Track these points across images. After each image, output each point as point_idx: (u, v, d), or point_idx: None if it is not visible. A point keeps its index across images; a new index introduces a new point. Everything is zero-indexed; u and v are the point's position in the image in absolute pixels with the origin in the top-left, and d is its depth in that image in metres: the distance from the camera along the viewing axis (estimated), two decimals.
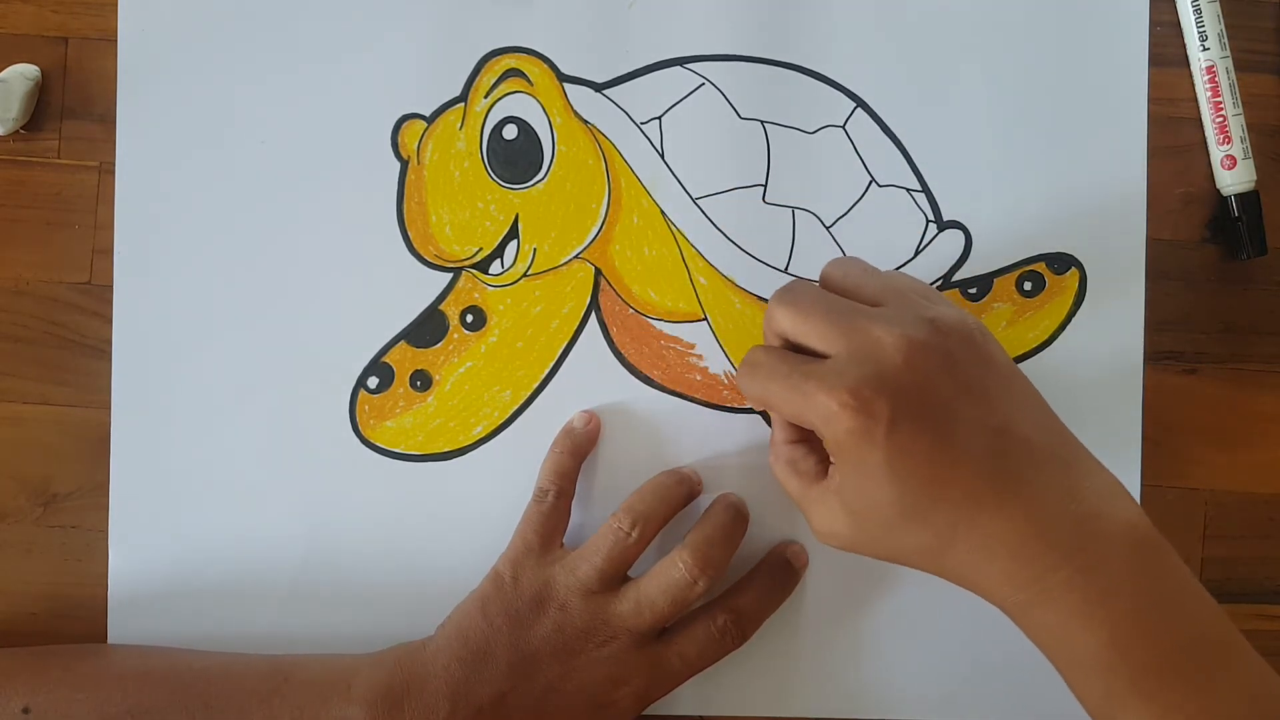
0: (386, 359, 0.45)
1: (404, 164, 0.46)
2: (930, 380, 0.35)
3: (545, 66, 0.46)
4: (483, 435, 0.45)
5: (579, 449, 0.44)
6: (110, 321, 0.45)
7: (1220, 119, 0.46)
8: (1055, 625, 0.35)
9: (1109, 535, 0.35)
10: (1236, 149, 0.46)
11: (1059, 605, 0.34)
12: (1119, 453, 0.46)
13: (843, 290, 0.38)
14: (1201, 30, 0.46)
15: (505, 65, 0.46)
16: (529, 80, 0.46)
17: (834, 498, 0.37)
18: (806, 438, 0.39)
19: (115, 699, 0.40)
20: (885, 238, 0.46)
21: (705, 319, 0.46)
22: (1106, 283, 0.46)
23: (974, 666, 0.46)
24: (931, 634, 0.46)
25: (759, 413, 0.46)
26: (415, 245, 0.45)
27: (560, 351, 0.46)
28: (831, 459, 0.37)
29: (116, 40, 0.45)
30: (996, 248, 0.46)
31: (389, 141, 0.45)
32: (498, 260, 0.46)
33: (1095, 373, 0.46)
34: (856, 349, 0.35)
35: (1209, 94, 0.46)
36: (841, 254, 0.46)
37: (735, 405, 0.46)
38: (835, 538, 0.37)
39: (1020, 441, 0.35)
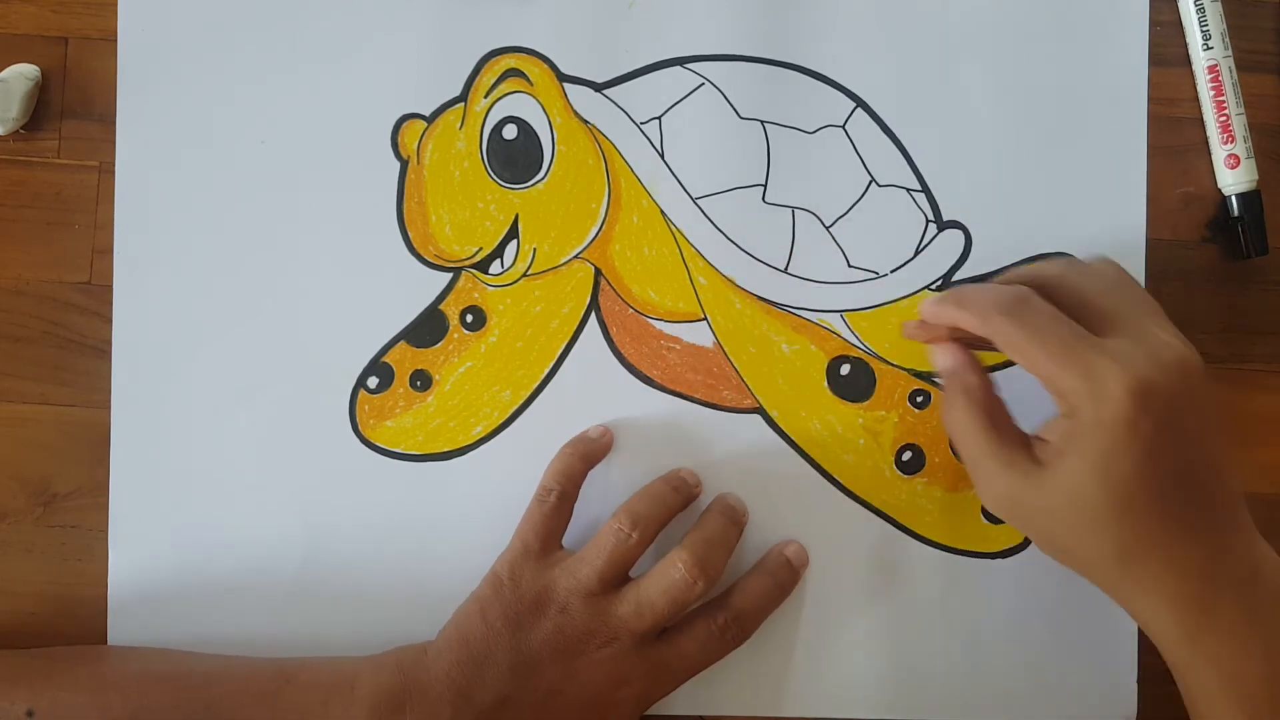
0: (386, 359, 0.45)
1: (404, 164, 0.46)
2: (1191, 401, 0.36)
3: (545, 66, 0.46)
4: (483, 435, 0.45)
5: (590, 455, 0.44)
6: (110, 321, 0.45)
7: (1224, 118, 0.46)
8: (1214, 653, 0.37)
9: (1272, 583, 0.37)
10: (1239, 148, 0.46)
11: (1221, 635, 0.36)
12: None
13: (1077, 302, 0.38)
14: (1205, 29, 0.46)
15: (505, 65, 0.46)
16: (529, 80, 0.46)
17: (1039, 470, 0.37)
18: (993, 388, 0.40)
19: (118, 702, 0.40)
20: (885, 238, 0.46)
21: (705, 319, 0.46)
22: None
23: (972, 667, 0.46)
24: (930, 634, 0.45)
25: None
26: (415, 245, 0.45)
27: (560, 351, 0.46)
28: (1058, 433, 0.37)
29: (116, 40, 0.45)
30: (996, 248, 0.46)
31: (389, 141, 0.45)
32: (498, 260, 0.46)
33: None
34: (1143, 341, 0.36)
35: (1212, 93, 0.46)
36: (842, 254, 0.46)
37: (735, 405, 0.46)
38: (1013, 506, 0.38)
39: (1225, 488, 0.37)
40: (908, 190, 0.46)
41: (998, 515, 0.40)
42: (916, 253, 0.46)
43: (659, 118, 0.46)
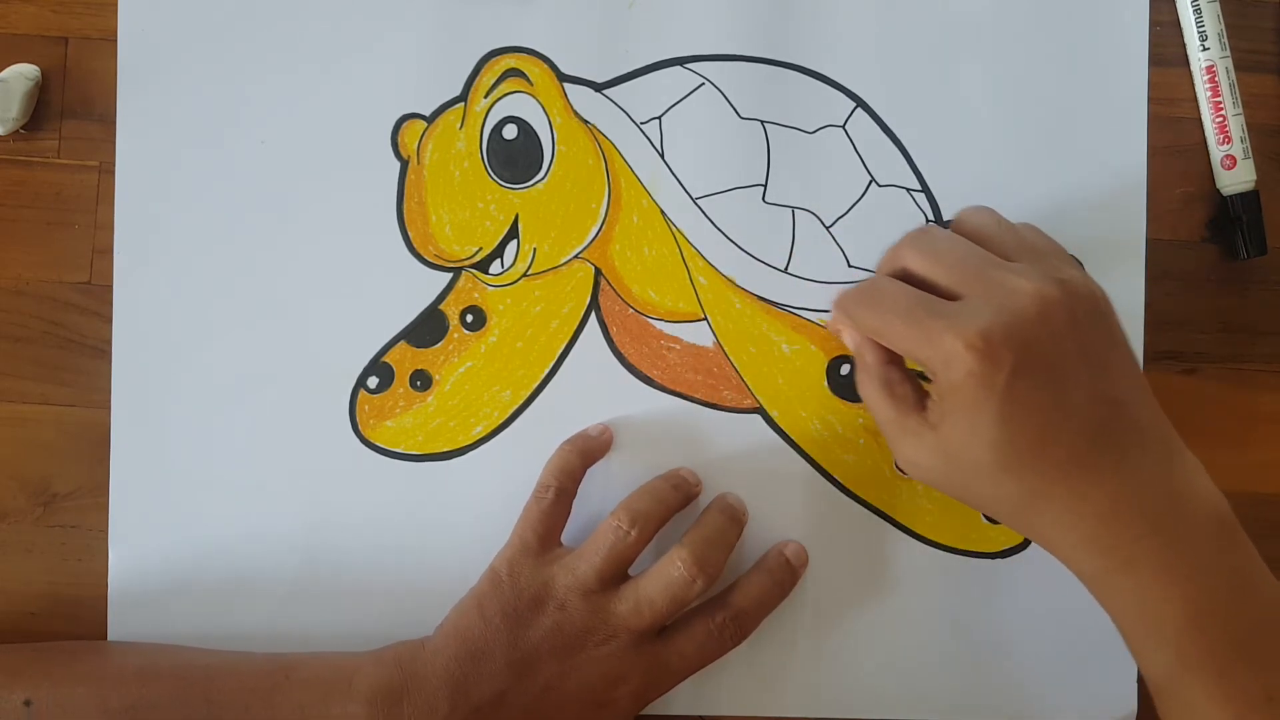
0: (386, 359, 0.45)
1: (404, 164, 0.46)
2: (1057, 339, 0.36)
3: (545, 66, 0.46)
4: (483, 435, 0.45)
5: (588, 453, 0.44)
6: (110, 321, 0.45)
7: (1220, 119, 0.46)
8: (1133, 593, 0.36)
9: (1196, 514, 0.36)
10: (1236, 149, 0.46)
11: (1141, 574, 0.36)
12: None
13: (976, 239, 0.39)
14: (1201, 30, 0.46)
15: (505, 65, 0.46)
16: (529, 80, 0.46)
17: (930, 433, 0.37)
18: (898, 360, 0.40)
19: (117, 694, 0.40)
20: (885, 238, 0.45)
21: (705, 319, 0.46)
22: (1106, 283, 0.45)
23: (972, 667, 0.46)
24: (929, 634, 0.45)
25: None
26: (415, 245, 0.45)
27: (560, 351, 0.46)
28: (936, 397, 0.38)
29: (116, 40, 0.45)
30: None
31: (389, 141, 0.46)
32: (498, 260, 0.46)
33: None
34: (990, 296, 0.36)
35: (1209, 94, 0.46)
36: (842, 254, 0.46)
37: (735, 405, 0.46)
38: (920, 471, 0.39)
39: (1127, 417, 0.37)
40: (908, 190, 0.46)
41: (913, 478, 0.40)
42: None
43: (659, 118, 0.46)
